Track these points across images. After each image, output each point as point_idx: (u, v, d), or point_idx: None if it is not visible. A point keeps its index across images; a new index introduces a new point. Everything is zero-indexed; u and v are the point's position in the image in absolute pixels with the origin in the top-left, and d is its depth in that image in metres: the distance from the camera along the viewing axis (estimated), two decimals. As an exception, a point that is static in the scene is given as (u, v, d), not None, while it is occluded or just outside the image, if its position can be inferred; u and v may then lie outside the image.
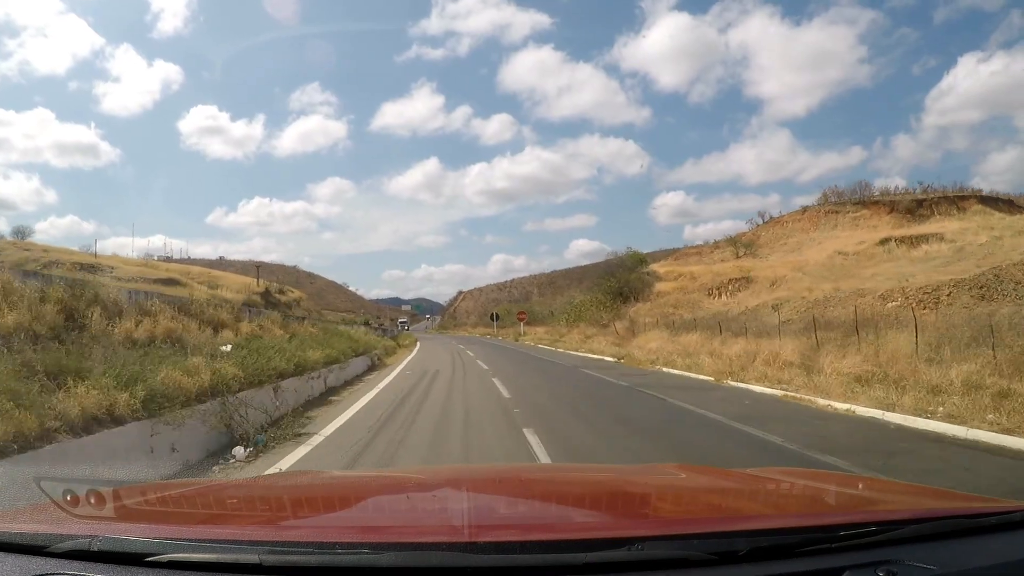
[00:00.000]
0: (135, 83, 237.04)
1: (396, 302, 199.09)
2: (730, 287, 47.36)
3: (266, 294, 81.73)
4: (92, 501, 1.82)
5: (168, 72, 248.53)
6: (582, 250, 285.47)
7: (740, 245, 62.74)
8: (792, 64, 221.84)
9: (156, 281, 62.32)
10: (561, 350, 31.92)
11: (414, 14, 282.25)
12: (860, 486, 2.44)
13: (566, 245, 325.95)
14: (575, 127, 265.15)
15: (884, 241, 56.13)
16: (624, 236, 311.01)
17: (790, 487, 2.37)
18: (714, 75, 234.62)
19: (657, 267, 55.54)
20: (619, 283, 47.51)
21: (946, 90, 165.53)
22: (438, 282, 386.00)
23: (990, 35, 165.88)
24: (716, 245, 73.00)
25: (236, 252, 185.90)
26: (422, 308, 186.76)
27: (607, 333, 35.29)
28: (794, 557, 1.45)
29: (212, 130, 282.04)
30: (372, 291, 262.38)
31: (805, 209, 73.39)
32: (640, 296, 46.94)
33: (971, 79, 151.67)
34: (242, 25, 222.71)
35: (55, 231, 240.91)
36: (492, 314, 65.29)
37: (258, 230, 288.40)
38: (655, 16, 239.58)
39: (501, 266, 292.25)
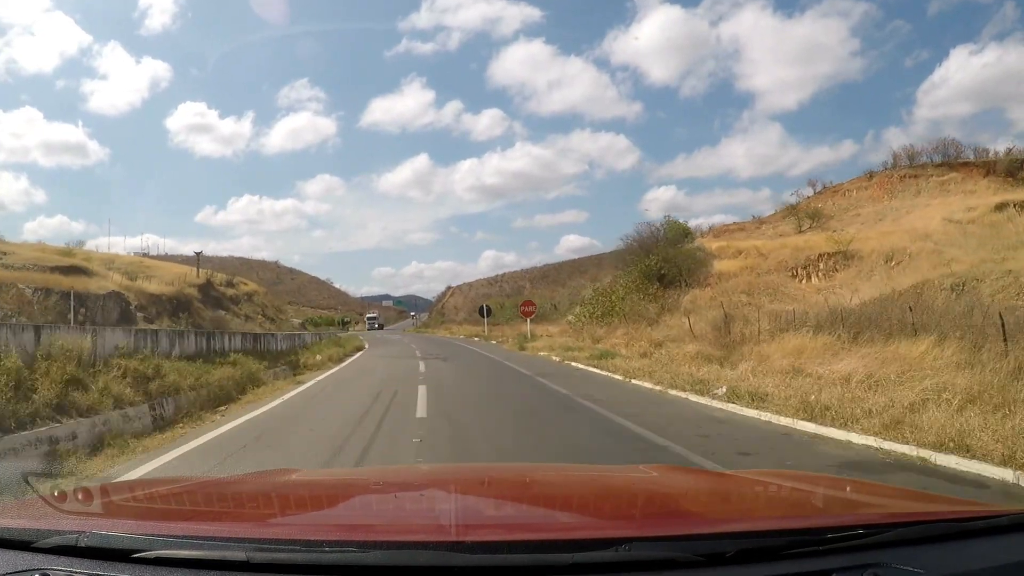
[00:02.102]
0: (123, 81, 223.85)
1: (386, 299, 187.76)
2: (822, 265, 33.14)
3: (206, 287, 66.32)
4: (80, 497, 1.85)
5: (156, 69, 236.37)
6: (572, 246, 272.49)
7: (803, 216, 48.32)
8: (784, 57, 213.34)
9: (54, 269, 48.92)
10: (652, 388, 13.62)
11: (404, 8, 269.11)
12: (848, 489, 2.34)
13: (557, 241, 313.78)
14: (566, 122, 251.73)
15: (1001, 206, 42.76)
16: (615, 231, 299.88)
17: (777, 489, 2.32)
18: (705, 69, 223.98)
19: (703, 242, 41.09)
20: (661, 261, 33.10)
21: (938, 83, 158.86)
22: (428, 279, 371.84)
23: (982, 27, 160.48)
24: (760, 221, 58.64)
25: (224, 250, 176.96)
26: (406, 304, 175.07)
27: (666, 334, 20.88)
28: (781, 559, 1.42)
29: (201, 127, 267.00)
30: (362, 288, 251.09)
31: (872, 175, 59.45)
32: (693, 279, 32.50)
33: (963, 72, 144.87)
34: (231, 21, 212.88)
35: (44, 231, 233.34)
36: (482, 307, 45.25)
37: (248, 228, 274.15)
38: (646, 9, 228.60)
39: (492, 263, 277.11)
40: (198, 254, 71.79)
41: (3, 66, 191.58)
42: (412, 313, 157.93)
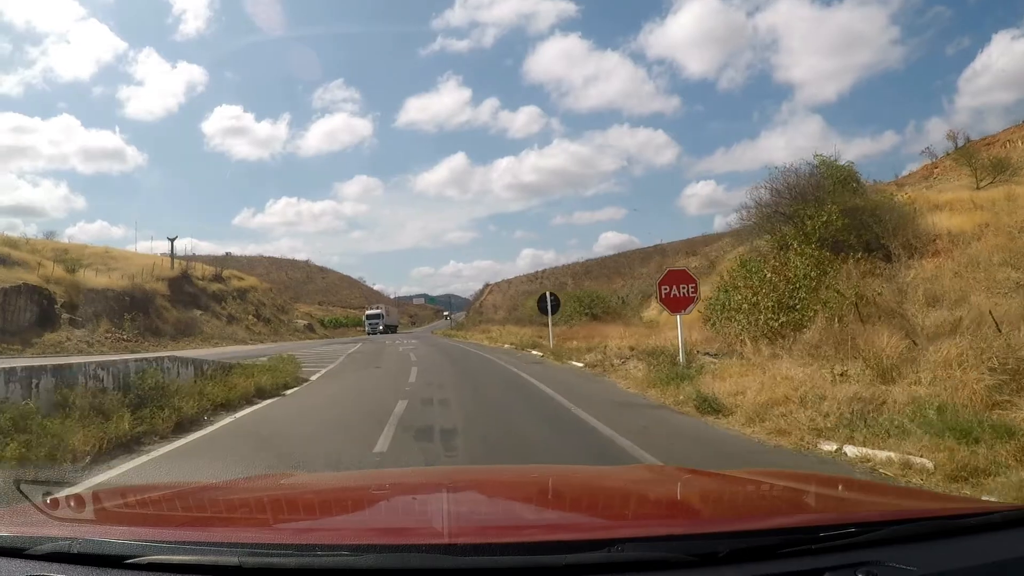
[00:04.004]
0: (159, 86, 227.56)
1: (418, 298, 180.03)
2: None
3: (180, 280, 53.83)
4: (72, 504, 1.82)
5: (192, 74, 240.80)
6: (611, 243, 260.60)
7: (984, 167, 34.14)
8: (823, 47, 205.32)
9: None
10: None
11: (438, 5, 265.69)
12: (840, 487, 2.31)
13: (595, 238, 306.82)
14: (603, 118, 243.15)
15: None
16: (653, 227, 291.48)
17: (770, 488, 2.28)
18: (743, 61, 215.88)
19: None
20: (841, 217, 19.52)
21: (980, 70, 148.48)
22: (467, 278, 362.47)
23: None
24: (895, 183, 44.65)
25: (263, 252, 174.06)
26: (441, 302, 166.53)
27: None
28: (774, 559, 1.40)
29: (237, 131, 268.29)
30: (402, 288, 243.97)
31: (1042, 119, 45.05)
32: (900, 244, 19.07)
33: (1005, 57, 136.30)
34: (264, 24, 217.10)
35: (84, 236, 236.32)
36: (543, 297, 28.71)
37: (286, 230, 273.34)
38: (681, 0, 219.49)
39: (530, 261, 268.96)
40: (172, 240, 57.53)
41: (40, 75, 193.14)
42: (446, 312, 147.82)
